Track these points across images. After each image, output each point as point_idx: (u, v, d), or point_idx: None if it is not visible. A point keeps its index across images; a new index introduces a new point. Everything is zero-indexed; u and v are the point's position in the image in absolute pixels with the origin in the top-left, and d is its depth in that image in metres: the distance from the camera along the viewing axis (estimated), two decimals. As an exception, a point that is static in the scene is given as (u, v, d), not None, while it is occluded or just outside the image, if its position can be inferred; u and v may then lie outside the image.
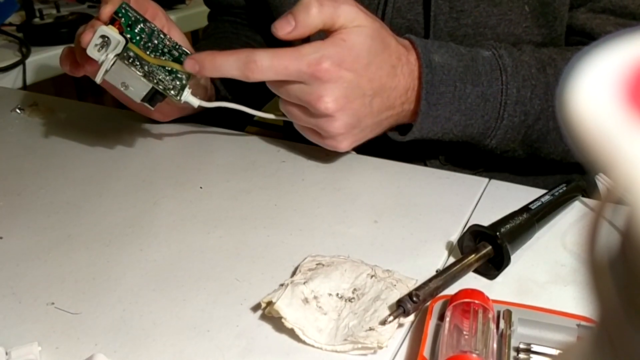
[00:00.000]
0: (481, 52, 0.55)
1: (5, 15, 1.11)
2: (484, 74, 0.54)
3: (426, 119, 0.53)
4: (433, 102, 0.52)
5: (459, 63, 0.53)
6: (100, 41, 0.50)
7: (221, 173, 0.57)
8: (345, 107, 0.50)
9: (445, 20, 0.59)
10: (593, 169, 0.11)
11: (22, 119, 0.71)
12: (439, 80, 0.52)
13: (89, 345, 0.37)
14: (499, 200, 0.50)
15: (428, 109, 0.52)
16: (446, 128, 0.54)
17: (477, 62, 0.54)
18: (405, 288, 0.39)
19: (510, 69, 0.54)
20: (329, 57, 0.48)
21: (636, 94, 0.11)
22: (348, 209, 0.50)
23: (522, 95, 0.54)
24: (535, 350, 0.35)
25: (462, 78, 0.53)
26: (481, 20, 0.58)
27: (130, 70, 0.50)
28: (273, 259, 0.44)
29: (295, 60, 0.48)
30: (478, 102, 0.53)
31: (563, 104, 0.11)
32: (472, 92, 0.53)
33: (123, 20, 0.52)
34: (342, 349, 0.36)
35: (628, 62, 0.12)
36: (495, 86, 0.54)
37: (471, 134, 0.55)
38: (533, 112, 0.54)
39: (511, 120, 0.54)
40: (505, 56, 0.54)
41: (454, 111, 0.53)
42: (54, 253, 0.46)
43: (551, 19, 0.58)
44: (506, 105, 0.54)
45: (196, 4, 1.28)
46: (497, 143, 0.56)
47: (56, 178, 0.57)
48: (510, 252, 0.41)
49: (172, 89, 0.53)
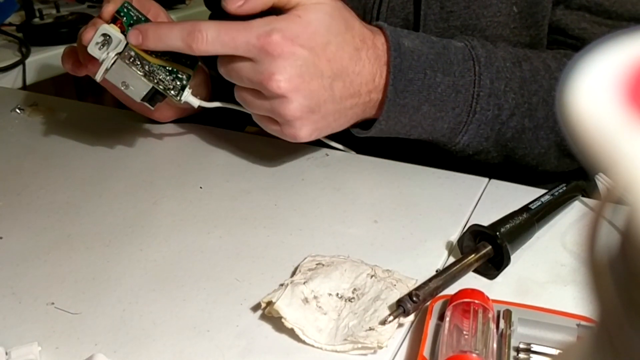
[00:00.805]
0: (453, 42, 0.53)
1: (5, 15, 1.11)
2: (455, 63, 0.51)
3: (393, 107, 0.50)
4: (400, 88, 0.49)
5: (429, 50, 0.51)
6: (101, 39, 0.50)
7: (221, 173, 0.57)
8: (300, 87, 0.47)
9: (435, 21, 0.58)
10: (593, 169, 0.11)
11: (22, 119, 0.71)
12: (407, 65, 0.49)
13: (89, 345, 0.37)
14: (499, 200, 0.50)
15: (395, 96, 0.49)
16: (414, 120, 0.51)
17: (449, 51, 0.52)
18: (405, 288, 0.39)
19: (484, 59, 0.52)
20: (280, 30, 0.45)
21: (636, 94, 0.11)
22: (348, 209, 0.50)
23: (496, 87, 0.52)
24: (535, 350, 0.35)
25: (433, 66, 0.50)
26: (470, 22, 0.57)
27: (130, 69, 0.50)
28: (273, 259, 0.44)
29: (243, 31, 0.45)
30: (449, 93, 0.51)
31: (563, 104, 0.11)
32: (442, 81, 0.50)
33: (125, 20, 0.52)
34: (342, 348, 0.36)
35: (627, 62, 0.12)
36: (468, 77, 0.51)
37: (441, 129, 0.53)
38: (507, 107, 0.52)
39: (484, 114, 0.52)
40: (478, 47, 0.52)
41: (422, 100, 0.50)
42: (53, 253, 0.46)
43: (539, 18, 0.57)
44: (479, 98, 0.51)
45: (196, 4, 1.28)
46: (468, 140, 0.53)
47: (56, 178, 0.57)
48: (510, 252, 0.41)
49: (173, 89, 0.53)
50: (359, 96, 0.50)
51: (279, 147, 0.60)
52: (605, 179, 0.45)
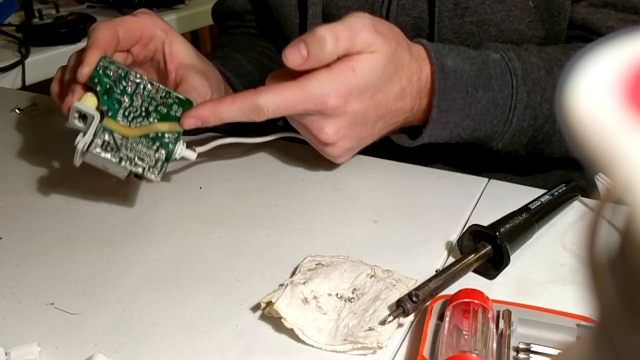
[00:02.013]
0: (491, 54, 0.53)
1: (5, 15, 1.11)
2: (494, 77, 0.52)
3: (436, 125, 0.52)
4: (444, 108, 0.51)
5: (471, 67, 0.52)
6: (77, 115, 0.47)
7: (221, 173, 0.57)
8: (346, 136, 0.50)
9: (450, 17, 0.58)
10: (593, 168, 0.11)
11: (22, 119, 0.71)
12: (451, 85, 0.51)
13: (89, 346, 0.37)
14: (499, 200, 0.50)
15: (439, 115, 0.51)
16: (454, 133, 0.53)
17: (488, 65, 0.53)
18: (404, 288, 0.39)
19: (521, 72, 0.53)
20: (335, 93, 0.47)
21: (636, 93, 0.11)
22: (348, 209, 0.50)
23: (532, 99, 0.53)
24: (534, 350, 0.35)
25: (474, 83, 0.52)
26: (486, 17, 0.58)
27: (104, 157, 0.46)
28: (273, 259, 0.44)
29: (301, 99, 0.47)
30: (488, 107, 0.53)
31: (563, 104, 0.11)
32: (483, 97, 0.52)
33: (99, 89, 0.48)
34: (341, 349, 0.36)
35: (628, 62, 0.12)
36: (506, 90, 0.52)
37: (478, 137, 0.55)
38: (542, 116, 0.54)
39: (519, 125, 0.54)
40: (514, 59, 0.53)
41: (464, 117, 0.52)
42: (53, 253, 0.46)
43: (555, 14, 0.57)
44: (515, 110, 0.53)
45: (196, 4, 1.28)
46: (503, 146, 0.56)
47: (56, 178, 0.57)
48: (510, 252, 0.41)
49: (154, 166, 0.48)
50: (396, 124, 0.53)
51: (278, 147, 0.60)
52: (605, 178, 0.45)
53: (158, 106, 0.50)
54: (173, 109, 0.50)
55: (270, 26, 0.71)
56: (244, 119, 0.48)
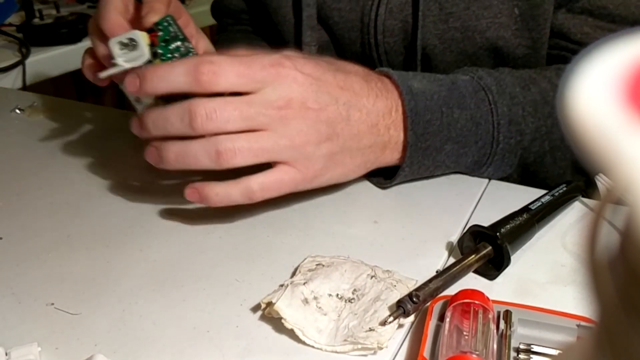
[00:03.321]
0: (458, 76, 0.51)
1: (5, 15, 1.11)
2: (468, 96, 0.50)
3: (415, 152, 0.48)
4: (420, 132, 0.48)
5: (439, 88, 0.49)
6: (127, 40, 0.47)
7: (221, 173, 0.57)
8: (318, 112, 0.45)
9: (434, 22, 0.57)
10: (593, 169, 0.11)
11: (22, 119, 0.71)
12: (422, 107, 0.48)
13: (89, 346, 0.37)
14: (499, 201, 0.50)
15: (416, 140, 0.48)
16: (438, 161, 0.50)
17: (458, 85, 0.50)
18: (405, 288, 0.39)
19: (495, 87, 0.51)
20: (289, 57, 0.45)
21: (636, 94, 0.11)
22: (348, 209, 0.50)
23: (514, 113, 0.50)
24: (535, 350, 0.35)
25: (447, 102, 0.49)
26: (470, 23, 0.56)
27: None
28: (273, 260, 0.44)
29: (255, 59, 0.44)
30: (469, 127, 0.49)
31: (563, 105, 0.11)
32: (460, 116, 0.49)
33: (161, 34, 0.49)
34: (342, 349, 0.36)
35: (627, 63, 0.12)
36: (484, 107, 0.50)
37: (466, 163, 0.52)
38: (528, 132, 0.51)
39: (507, 143, 0.51)
40: (484, 76, 0.51)
41: (444, 140, 0.49)
42: (53, 253, 0.46)
43: (541, 21, 0.56)
44: (499, 127, 0.50)
45: (196, 4, 1.28)
46: (493, 171, 0.53)
47: (56, 178, 0.57)
48: (510, 252, 0.41)
49: None
50: (378, 132, 0.48)
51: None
52: (605, 179, 0.45)
53: None
54: None
55: (267, 26, 0.72)
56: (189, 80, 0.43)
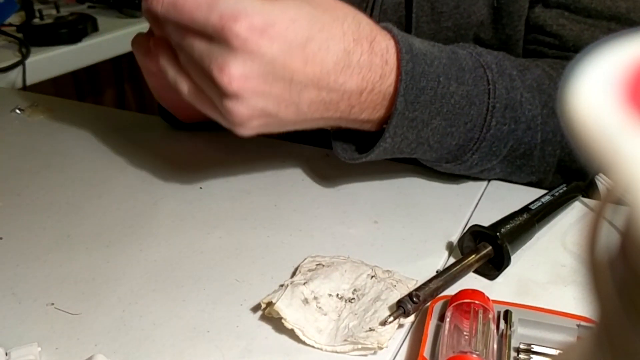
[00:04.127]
0: (458, 50, 0.46)
1: (5, 15, 1.11)
2: (467, 70, 0.44)
3: (401, 122, 0.43)
4: (411, 99, 0.42)
5: (441, 53, 0.44)
6: None
7: (221, 173, 0.57)
8: (257, 90, 0.39)
9: (427, 22, 0.56)
10: (593, 169, 0.11)
11: (22, 119, 0.71)
12: (420, 72, 0.42)
13: (89, 346, 0.37)
14: (499, 201, 0.50)
15: (405, 107, 0.42)
16: (422, 137, 0.45)
17: (459, 57, 0.45)
18: (405, 288, 0.39)
19: (495, 67, 0.46)
20: (249, 15, 0.37)
21: (636, 94, 0.11)
22: (348, 210, 0.50)
23: (512, 97, 0.46)
24: (535, 350, 0.35)
25: (447, 72, 0.43)
26: (462, 22, 0.55)
27: None
28: (273, 260, 0.44)
29: (206, 5, 0.37)
30: (462, 105, 0.44)
31: (563, 105, 0.11)
32: (456, 90, 0.44)
33: None
34: (342, 349, 0.36)
35: (627, 63, 0.12)
36: (481, 85, 0.45)
37: (449, 146, 0.46)
38: (524, 120, 0.46)
39: (499, 130, 0.46)
40: (484, 54, 0.46)
41: (434, 113, 0.43)
42: (53, 253, 0.46)
43: (515, 18, 0.54)
44: (494, 110, 0.45)
45: None
46: (478, 158, 0.47)
47: (56, 178, 0.57)
48: (511, 252, 0.41)
49: None
50: (335, 111, 0.42)
51: (279, 147, 0.60)
52: (605, 179, 0.45)
53: None
54: None
55: None
56: None
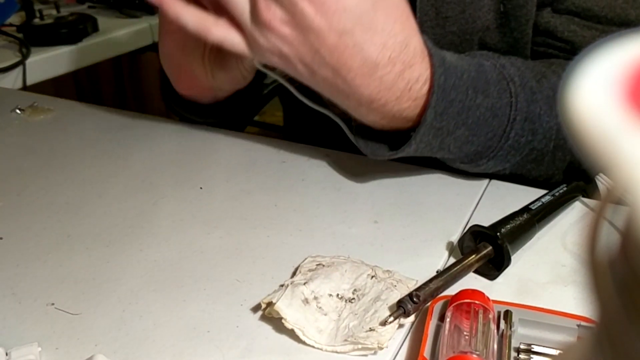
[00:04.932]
0: (482, 61, 0.48)
1: (6, 15, 1.11)
2: (492, 83, 0.47)
3: (429, 130, 0.45)
4: (440, 110, 0.45)
5: (469, 67, 0.46)
6: None
7: (221, 173, 0.57)
8: (286, 38, 0.43)
9: (432, 27, 0.56)
10: (593, 169, 0.11)
11: (22, 119, 0.71)
12: (451, 84, 0.45)
13: (89, 346, 0.37)
14: (500, 201, 0.50)
15: (434, 118, 0.45)
16: (444, 144, 0.47)
17: (485, 69, 0.47)
18: (405, 288, 0.39)
19: (518, 79, 0.48)
20: None
21: (636, 94, 0.11)
22: (348, 209, 0.50)
23: (532, 111, 0.47)
24: (535, 350, 0.35)
25: (475, 85, 0.46)
26: (467, 27, 0.55)
27: None
28: (273, 260, 0.44)
29: None
30: (486, 117, 0.46)
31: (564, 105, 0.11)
32: (482, 103, 0.46)
33: None
34: (342, 349, 0.36)
35: (627, 63, 0.12)
36: (505, 98, 0.47)
37: (467, 152, 0.49)
38: (541, 132, 0.48)
39: (517, 141, 0.48)
40: (507, 66, 0.48)
41: (459, 124, 0.46)
42: (53, 253, 0.46)
43: (523, 22, 0.54)
44: (514, 122, 0.47)
45: None
46: (493, 165, 0.50)
47: (56, 178, 0.57)
48: (511, 252, 0.41)
49: None
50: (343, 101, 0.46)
51: (279, 147, 0.60)
52: (605, 179, 0.45)
53: None
54: None
55: None
56: None
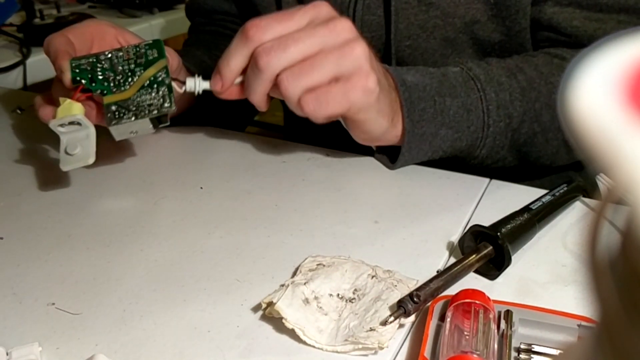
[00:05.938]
0: (449, 68, 0.55)
1: (6, 15, 1.11)
2: (458, 85, 0.54)
3: (413, 137, 0.52)
4: (416, 119, 0.52)
5: (431, 80, 0.53)
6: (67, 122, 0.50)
7: (222, 173, 0.57)
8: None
9: (415, 14, 0.60)
10: (594, 169, 0.11)
11: (23, 119, 0.71)
12: (416, 97, 0.52)
13: (90, 346, 0.37)
14: (500, 200, 0.50)
15: (412, 127, 0.52)
16: (435, 145, 0.54)
17: (449, 77, 0.54)
18: (406, 288, 0.39)
19: (483, 76, 0.54)
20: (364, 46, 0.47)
21: (636, 94, 0.11)
22: (348, 209, 0.50)
23: (502, 98, 0.54)
24: (536, 350, 0.35)
25: (439, 92, 0.53)
26: (449, 10, 0.59)
27: (123, 125, 0.50)
28: (274, 260, 0.44)
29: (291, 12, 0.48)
30: (461, 113, 0.53)
31: (564, 105, 0.11)
32: (452, 104, 0.53)
33: (84, 82, 0.51)
34: (342, 349, 0.36)
35: (628, 63, 0.12)
36: (473, 95, 0.54)
37: (460, 147, 0.55)
38: (516, 115, 0.54)
39: (497, 126, 0.54)
40: (474, 68, 0.55)
41: (438, 126, 0.53)
42: (54, 253, 0.46)
43: (513, 12, 0.58)
44: (489, 112, 0.54)
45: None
46: (487, 152, 0.56)
47: (56, 178, 0.57)
48: (511, 252, 0.41)
49: (164, 102, 0.51)
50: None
51: (279, 147, 0.60)
52: (606, 179, 0.45)
53: (136, 60, 0.53)
54: (148, 54, 0.53)
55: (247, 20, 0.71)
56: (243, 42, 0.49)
